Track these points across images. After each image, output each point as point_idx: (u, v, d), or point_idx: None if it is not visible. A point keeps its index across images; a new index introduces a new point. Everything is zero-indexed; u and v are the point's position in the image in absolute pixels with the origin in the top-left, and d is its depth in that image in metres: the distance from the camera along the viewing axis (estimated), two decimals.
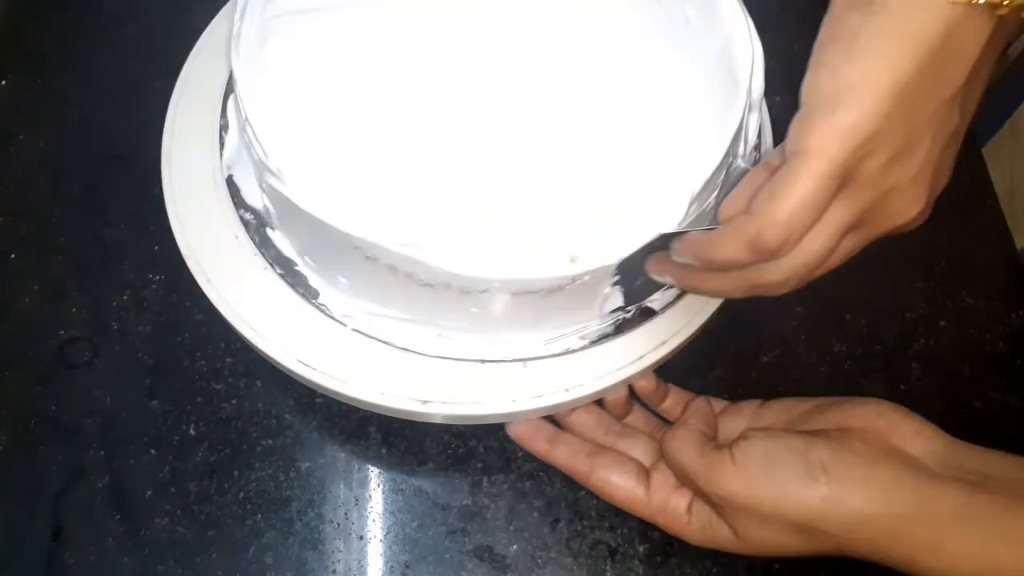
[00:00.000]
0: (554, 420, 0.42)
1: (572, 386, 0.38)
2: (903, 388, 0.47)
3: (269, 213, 0.39)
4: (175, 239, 0.40)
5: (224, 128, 0.41)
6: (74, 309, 0.47)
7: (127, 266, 0.48)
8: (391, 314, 0.38)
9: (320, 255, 0.38)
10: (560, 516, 0.41)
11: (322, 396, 0.42)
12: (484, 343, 0.38)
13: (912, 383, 0.47)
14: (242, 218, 0.40)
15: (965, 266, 0.51)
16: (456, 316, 0.37)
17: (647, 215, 0.35)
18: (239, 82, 0.36)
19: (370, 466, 0.44)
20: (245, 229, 0.40)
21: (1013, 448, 0.36)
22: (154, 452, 0.43)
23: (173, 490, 0.42)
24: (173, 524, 0.42)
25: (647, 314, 0.39)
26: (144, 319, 0.46)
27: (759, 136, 0.40)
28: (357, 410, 0.44)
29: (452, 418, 0.39)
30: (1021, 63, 0.57)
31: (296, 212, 0.35)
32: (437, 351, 0.38)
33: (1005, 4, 0.29)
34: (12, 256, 0.48)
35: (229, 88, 0.41)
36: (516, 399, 0.38)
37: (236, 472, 0.43)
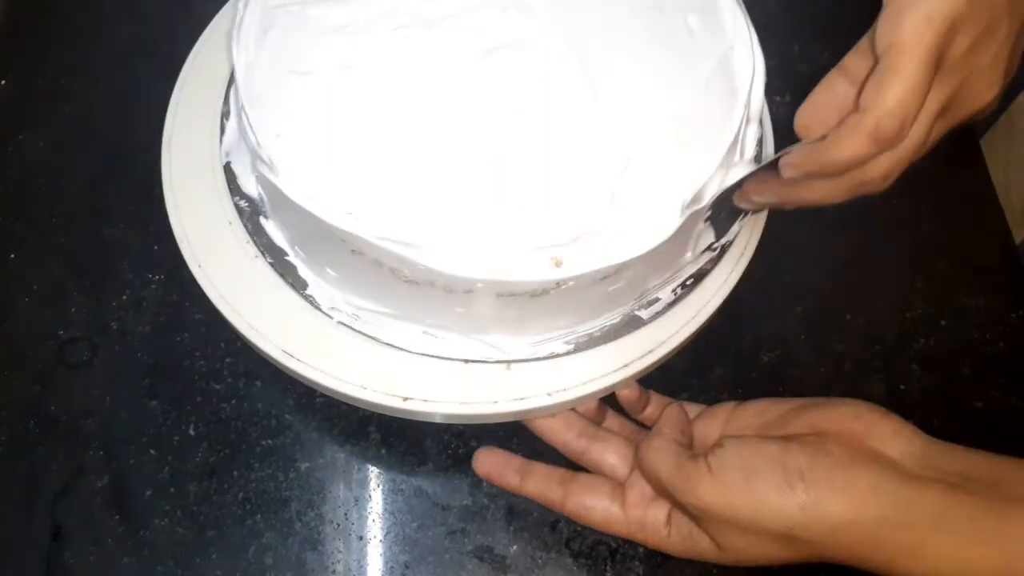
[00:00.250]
0: (523, 424, 0.42)
1: (555, 390, 0.38)
2: (903, 388, 0.47)
3: (263, 201, 0.39)
4: (171, 226, 0.40)
5: (226, 115, 0.41)
6: (74, 309, 0.47)
7: (127, 266, 0.48)
8: (377, 309, 0.38)
9: (309, 246, 0.38)
10: (560, 516, 0.41)
11: (322, 396, 0.42)
12: (469, 343, 0.38)
13: (912, 383, 0.47)
14: (237, 205, 0.40)
15: (965, 266, 0.51)
16: (441, 315, 0.37)
17: (636, 222, 0.35)
18: (238, 68, 0.36)
19: (370, 466, 0.44)
20: (239, 216, 0.40)
21: (1013, 448, 0.35)
22: (153, 452, 0.43)
23: (172, 490, 0.42)
24: (172, 524, 0.42)
25: (635, 323, 0.39)
26: (143, 319, 0.46)
27: (758, 146, 0.40)
28: (357, 410, 0.44)
29: (433, 416, 0.39)
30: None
31: (285, 201, 0.35)
32: (421, 348, 0.38)
33: None
34: (12, 256, 0.48)
35: (232, 76, 0.41)
36: (498, 400, 0.38)
37: (236, 472, 0.43)
